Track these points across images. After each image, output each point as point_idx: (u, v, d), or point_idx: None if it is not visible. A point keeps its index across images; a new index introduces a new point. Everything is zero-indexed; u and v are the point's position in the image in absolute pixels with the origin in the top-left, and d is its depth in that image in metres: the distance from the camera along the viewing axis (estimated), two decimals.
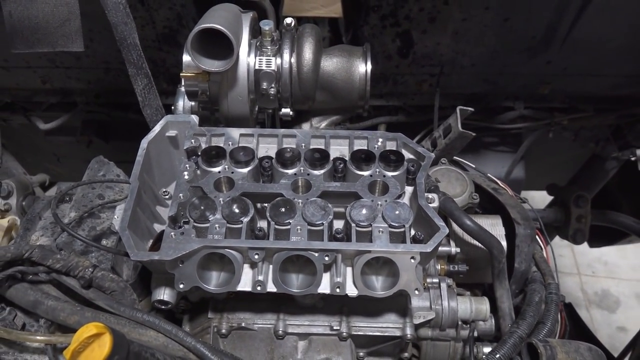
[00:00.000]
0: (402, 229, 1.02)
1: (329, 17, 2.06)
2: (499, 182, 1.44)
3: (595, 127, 1.77)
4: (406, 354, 1.19)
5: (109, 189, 1.40)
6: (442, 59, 1.58)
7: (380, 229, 1.02)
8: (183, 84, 1.24)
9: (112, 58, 1.62)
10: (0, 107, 1.72)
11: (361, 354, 1.18)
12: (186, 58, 1.19)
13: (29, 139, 1.96)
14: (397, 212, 1.03)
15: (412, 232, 1.04)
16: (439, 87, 1.62)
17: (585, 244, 3.02)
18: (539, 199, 2.87)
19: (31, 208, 1.39)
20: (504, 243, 1.25)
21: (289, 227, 1.02)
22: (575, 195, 1.70)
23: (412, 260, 1.00)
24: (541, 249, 1.33)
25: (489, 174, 1.46)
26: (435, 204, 1.10)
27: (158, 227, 1.17)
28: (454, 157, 1.50)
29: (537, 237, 1.33)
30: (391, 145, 1.16)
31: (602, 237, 2.30)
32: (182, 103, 1.35)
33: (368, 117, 1.69)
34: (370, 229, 1.02)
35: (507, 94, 1.69)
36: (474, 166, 1.48)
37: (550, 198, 2.17)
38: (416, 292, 1.02)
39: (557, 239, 3.94)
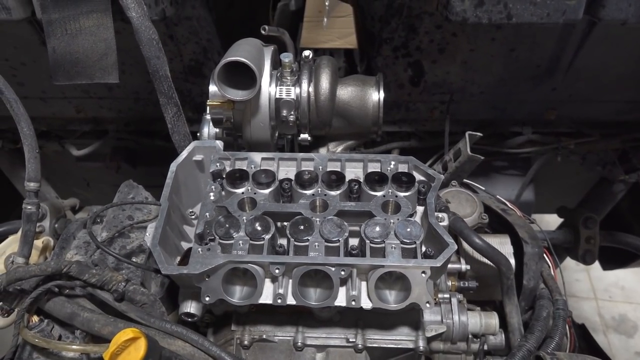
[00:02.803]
0: (414, 245, 1.08)
1: (345, 48, 2.16)
2: (507, 203, 1.50)
3: (602, 151, 1.83)
4: None
5: (138, 211, 1.48)
6: (452, 87, 1.65)
7: (393, 245, 1.08)
8: (209, 111, 1.33)
9: (141, 89, 1.72)
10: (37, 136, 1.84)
11: None
12: (212, 88, 1.29)
13: (60, 165, 2.07)
14: (408, 230, 1.10)
15: (423, 248, 1.10)
16: (449, 113, 1.69)
17: (600, 269, 3.03)
18: (554, 222, 2.92)
19: (66, 229, 1.48)
20: (512, 261, 1.30)
21: (307, 243, 1.09)
22: (584, 217, 1.75)
23: (423, 275, 1.05)
24: (549, 266, 1.38)
25: (498, 196, 1.52)
26: (445, 223, 1.17)
27: (185, 245, 1.25)
28: (465, 180, 1.56)
29: (545, 255, 1.38)
30: (403, 168, 1.23)
31: (614, 259, 2.33)
32: (208, 130, 1.44)
33: (382, 143, 1.77)
34: (383, 245, 1.09)
35: (515, 120, 1.76)
36: (483, 188, 1.54)
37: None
38: (427, 305, 1.07)
39: (573, 264, 3.94)
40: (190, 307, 1.16)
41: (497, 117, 1.74)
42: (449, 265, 1.31)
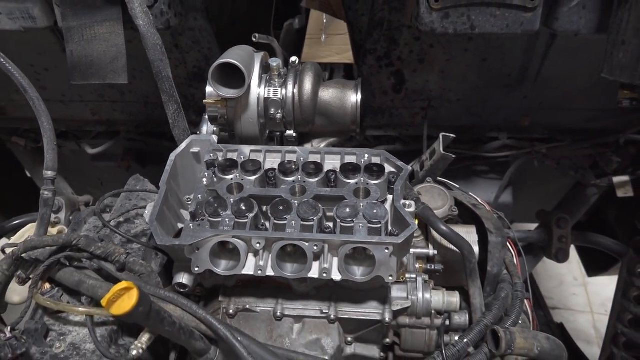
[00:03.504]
0: (379, 225, 1.22)
1: (343, 63, 2.33)
2: (479, 199, 1.62)
3: (574, 157, 1.95)
4: (388, 340, 1.36)
5: (142, 201, 1.63)
6: (431, 95, 1.79)
7: (361, 225, 1.22)
8: (207, 110, 1.49)
9: (150, 94, 1.89)
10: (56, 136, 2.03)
11: (349, 339, 1.36)
12: (209, 89, 1.45)
13: (77, 164, 2.25)
14: (375, 211, 1.23)
15: (390, 229, 1.24)
16: (426, 119, 1.83)
17: (598, 284, 3.08)
18: None
19: (78, 215, 1.64)
20: (476, 248, 1.42)
21: (285, 222, 1.23)
22: (557, 218, 1.86)
23: (387, 251, 1.18)
24: (512, 255, 1.50)
25: (470, 193, 1.65)
26: (412, 209, 1.30)
27: (181, 226, 1.40)
28: (442, 179, 1.69)
29: (508, 244, 1.50)
30: (376, 160, 1.38)
31: (598, 266, 2.43)
32: (206, 128, 1.60)
33: (369, 146, 1.92)
34: (352, 224, 1.22)
35: (492, 126, 1.88)
36: (457, 186, 1.67)
37: None
38: (390, 278, 1.20)
39: (570, 279, 4.01)
40: (183, 278, 1.30)
41: (474, 123, 1.87)
42: (418, 250, 1.43)
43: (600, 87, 1.69)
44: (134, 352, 1.25)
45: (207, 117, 1.56)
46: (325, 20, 2.68)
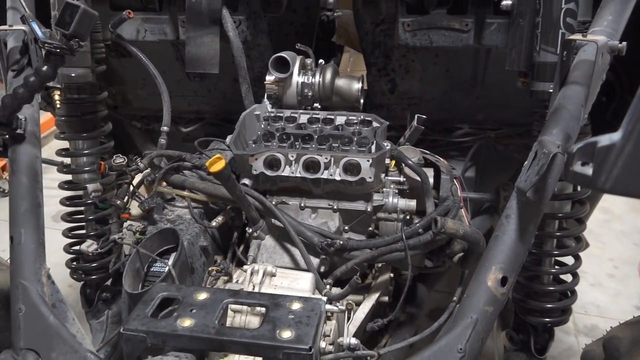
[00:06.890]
0: (364, 148, 1.96)
1: None
2: (440, 158, 2.34)
3: (516, 142, 2.64)
4: (370, 228, 2.06)
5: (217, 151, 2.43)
6: (414, 95, 2.51)
7: (354, 147, 1.97)
8: (266, 89, 2.30)
9: (227, 91, 2.68)
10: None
11: (346, 228, 2.07)
12: (268, 77, 2.27)
13: (168, 145, 3.08)
14: (363, 141, 1.99)
15: (373, 151, 1.98)
16: (410, 113, 2.57)
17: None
18: None
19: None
20: (431, 180, 2.13)
21: (309, 146, 1.99)
22: (503, 183, 2.53)
23: (368, 162, 1.92)
24: (457, 187, 2.19)
25: (435, 155, 2.36)
26: (388, 146, 2.04)
27: None
28: (419, 149, 2.42)
29: (455, 181, 2.20)
30: (367, 118, 2.14)
31: None
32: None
33: None
34: (348, 148, 1.98)
35: (457, 119, 2.55)
36: (428, 152, 2.39)
37: None
38: (370, 178, 1.92)
39: None
40: (246, 180, 2.06)
41: (444, 117, 2.56)
42: (394, 178, 2.15)
43: (526, 90, 2.41)
44: (214, 223, 2.00)
45: (265, 98, 2.36)
46: (351, 60, 3.55)
